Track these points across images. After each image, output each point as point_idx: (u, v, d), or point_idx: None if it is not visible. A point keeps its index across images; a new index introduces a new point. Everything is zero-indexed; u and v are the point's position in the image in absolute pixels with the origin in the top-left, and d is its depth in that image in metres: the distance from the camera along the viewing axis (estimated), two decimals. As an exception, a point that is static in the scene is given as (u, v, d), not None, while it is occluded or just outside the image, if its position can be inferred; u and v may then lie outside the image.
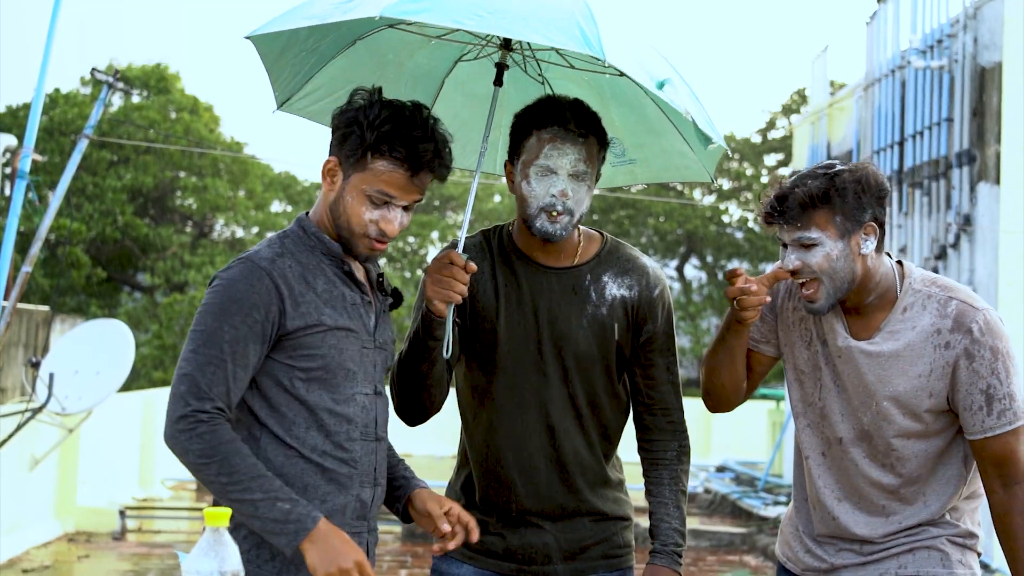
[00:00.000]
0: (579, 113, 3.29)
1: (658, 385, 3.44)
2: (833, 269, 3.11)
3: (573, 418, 3.38)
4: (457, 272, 3.13)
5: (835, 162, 3.16)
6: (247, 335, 2.83)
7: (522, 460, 3.39)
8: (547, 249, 3.38)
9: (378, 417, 3.03)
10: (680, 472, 3.45)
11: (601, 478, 3.45)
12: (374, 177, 2.92)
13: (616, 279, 3.41)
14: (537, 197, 3.27)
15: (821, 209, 3.08)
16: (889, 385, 3.19)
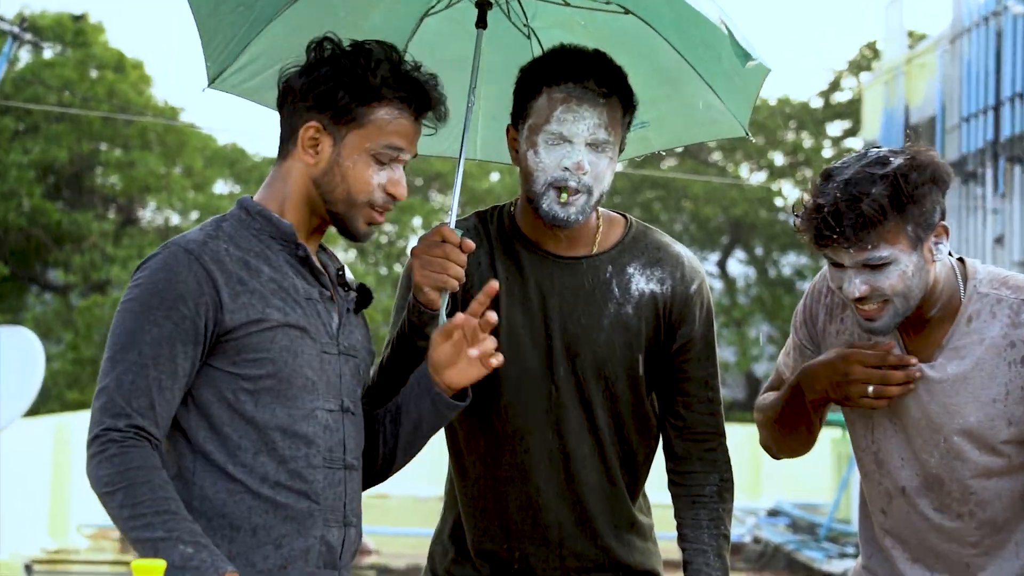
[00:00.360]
0: (601, 67, 3.29)
1: (694, 404, 3.44)
2: (908, 288, 3.10)
3: (592, 444, 3.38)
4: (451, 251, 3.13)
5: (880, 150, 3.13)
6: (173, 334, 2.83)
7: (527, 497, 3.39)
8: (558, 235, 3.38)
9: (346, 440, 3.01)
10: (722, 513, 3.44)
11: (627, 520, 3.45)
12: (379, 130, 2.97)
13: (644, 271, 3.42)
14: (546, 170, 3.27)
15: (892, 221, 3.05)
16: (959, 416, 3.18)
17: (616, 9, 3.46)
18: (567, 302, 3.36)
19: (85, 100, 27.91)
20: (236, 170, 33.32)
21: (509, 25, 3.63)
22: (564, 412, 3.36)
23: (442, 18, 3.64)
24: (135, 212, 31.64)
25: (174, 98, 65.27)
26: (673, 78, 3.56)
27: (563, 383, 3.35)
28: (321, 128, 2.97)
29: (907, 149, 3.12)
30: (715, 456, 3.44)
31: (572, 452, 3.36)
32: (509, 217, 3.44)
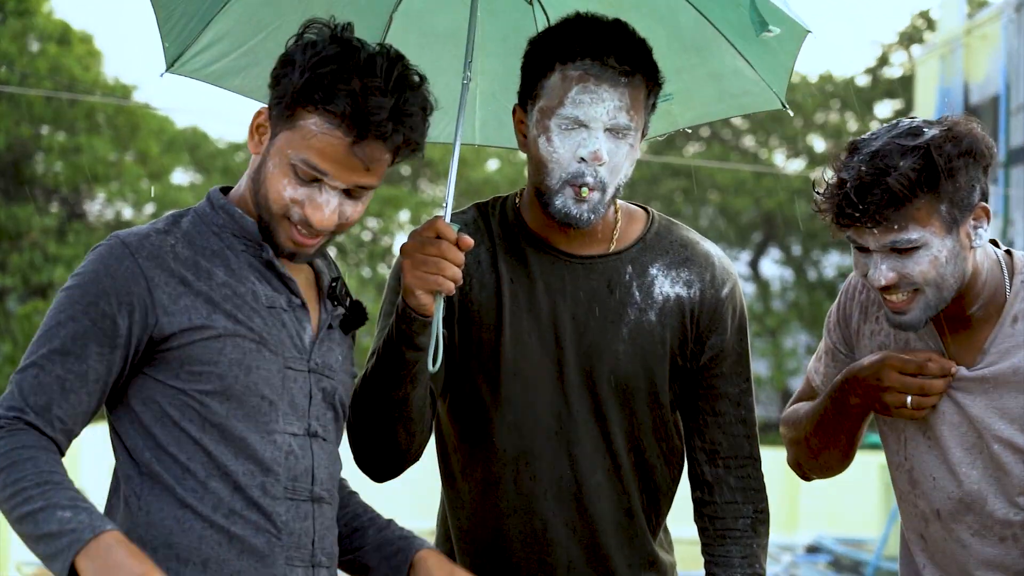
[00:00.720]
0: (623, 40, 3.29)
1: (725, 425, 3.45)
2: (941, 277, 3.11)
3: (608, 470, 3.39)
4: (447, 249, 3.11)
5: (914, 120, 3.15)
6: (88, 332, 2.85)
7: (532, 531, 3.39)
8: (571, 231, 3.39)
9: (316, 469, 3.00)
10: (756, 549, 3.46)
11: (646, 557, 3.45)
12: (301, 139, 2.90)
13: (668, 272, 3.42)
14: (561, 162, 3.26)
15: (923, 198, 3.06)
16: (1002, 424, 3.19)
17: None
18: (581, 308, 3.37)
19: (24, 77, 27.91)
20: (197, 157, 33.37)
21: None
22: (576, 434, 3.36)
23: None
24: (81, 205, 31.65)
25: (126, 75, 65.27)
26: (697, 44, 3.56)
27: (575, 400, 3.36)
28: (267, 117, 2.97)
29: (944, 120, 3.12)
30: (748, 484, 3.45)
31: (584, 480, 3.37)
32: (513, 210, 3.45)
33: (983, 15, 24.82)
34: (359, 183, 2.92)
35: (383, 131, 2.87)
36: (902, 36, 36.80)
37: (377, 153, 2.90)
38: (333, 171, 2.89)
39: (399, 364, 3.17)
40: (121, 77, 40.41)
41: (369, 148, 2.89)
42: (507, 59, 3.41)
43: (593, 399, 3.36)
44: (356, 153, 2.88)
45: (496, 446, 3.37)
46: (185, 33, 3.43)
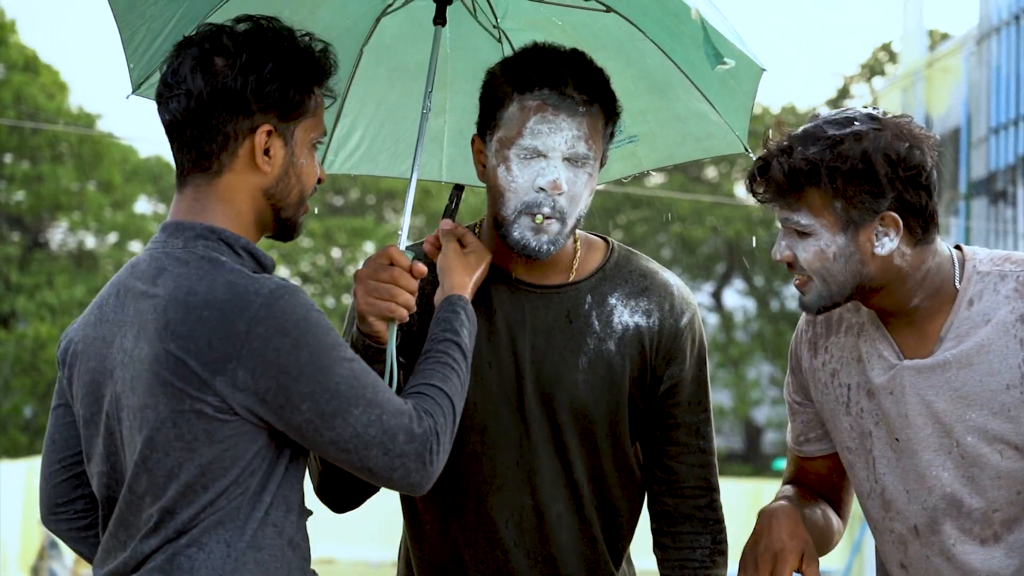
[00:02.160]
0: (580, 68, 3.29)
1: (683, 455, 3.44)
2: (827, 270, 3.12)
3: (568, 500, 3.38)
4: (400, 276, 3.12)
5: (857, 112, 3.14)
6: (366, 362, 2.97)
7: (494, 562, 3.38)
8: (531, 262, 3.39)
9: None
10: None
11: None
12: (315, 118, 3.02)
13: (628, 302, 3.42)
14: (518, 192, 3.26)
15: (813, 189, 3.08)
16: (970, 410, 3.14)
17: (596, 6, 3.47)
18: (540, 338, 3.36)
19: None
20: (160, 186, 33.27)
21: (476, 26, 3.64)
22: (537, 463, 3.35)
23: (402, 19, 3.65)
24: (44, 234, 31.54)
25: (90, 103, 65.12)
26: (662, 86, 3.58)
27: (536, 430, 3.35)
28: (273, 130, 2.95)
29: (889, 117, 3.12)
30: (707, 514, 3.45)
31: (546, 510, 3.36)
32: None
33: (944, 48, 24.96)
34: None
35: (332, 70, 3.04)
36: (864, 67, 36.99)
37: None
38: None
39: None
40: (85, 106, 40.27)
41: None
42: (475, 96, 3.40)
43: (553, 428, 3.35)
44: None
45: (456, 475, 3.36)
46: (150, 54, 3.41)
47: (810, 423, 3.43)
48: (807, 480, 3.48)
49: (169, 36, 3.39)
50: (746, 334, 36.88)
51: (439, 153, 3.82)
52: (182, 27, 3.40)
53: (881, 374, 3.21)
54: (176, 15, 3.38)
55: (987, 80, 22.42)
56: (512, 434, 3.35)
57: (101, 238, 31.22)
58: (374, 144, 3.86)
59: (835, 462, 3.41)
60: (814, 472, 3.46)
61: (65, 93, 30.99)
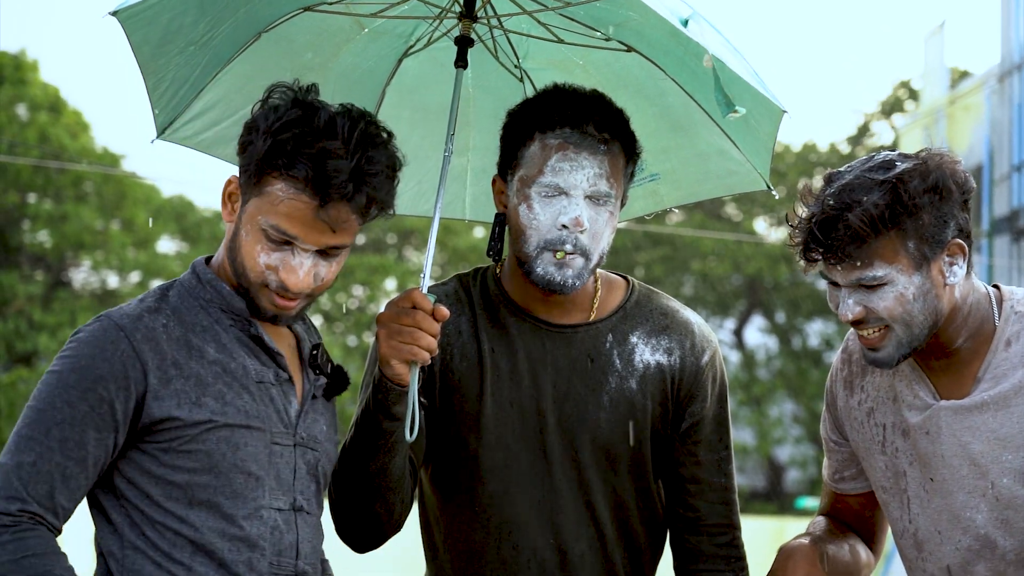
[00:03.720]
0: (600, 109, 3.31)
1: (706, 493, 3.44)
2: (909, 314, 3.05)
3: (591, 538, 3.38)
4: (423, 319, 3.11)
5: (891, 153, 3.10)
6: (86, 417, 2.83)
7: (517, 601, 3.38)
8: (552, 301, 3.39)
9: (300, 543, 2.99)
10: (738, 618, 3.46)
11: (630, 629, 3.45)
12: (270, 205, 2.90)
13: (649, 340, 3.43)
14: (540, 229, 3.28)
15: (886, 235, 3.01)
16: (1006, 451, 3.09)
17: (617, 47, 3.48)
18: (562, 377, 3.37)
19: (12, 146, 27.95)
20: (183, 225, 33.37)
21: (498, 66, 3.65)
22: (559, 503, 3.35)
23: (423, 60, 3.67)
24: (67, 273, 31.63)
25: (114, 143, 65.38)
26: (684, 124, 3.58)
27: (558, 469, 3.35)
28: (238, 185, 2.97)
29: (921, 153, 3.08)
30: (729, 552, 3.44)
31: (568, 549, 3.36)
32: (495, 280, 3.45)
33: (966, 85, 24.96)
34: (330, 244, 2.92)
35: (345, 193, 2.86)
36: (884, 106, 36.98)
37: (343, 215, 2.89)
38: (302, 234, 2.89)
39: (376, 434, 3.17)
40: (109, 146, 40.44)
41: (334, 211, 2.87)
42: (497, 136, 3.41)
43: (576, 468, 3.35)
44: (322, 217, 2.87)
45: (479, 516, 3.37)
46: (175, 101, 3.44)
47: (845, 461, 3.40)
48: (841, 514, 3.46)
49: (196, 83, 3.44)
50: (768, 372, 36.80)
51: (462, 192, 3.83)
52: (208, 74, 3.44)
53: (917, 414, 3.18)
54: (203, 62, 3.41)
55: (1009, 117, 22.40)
56: (534, 473, 3.35)
57: (124, 277, 31.29)
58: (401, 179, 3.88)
59: (869, 499, 3.40)
60: (848, 507, 3.44)
61: (88, 133, 31.11)
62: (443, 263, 30.75)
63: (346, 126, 2.89)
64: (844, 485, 3.42)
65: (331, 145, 2.85)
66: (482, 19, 3.48)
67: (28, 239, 30.45)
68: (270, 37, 3.48)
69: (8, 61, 29.32)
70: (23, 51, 30.03)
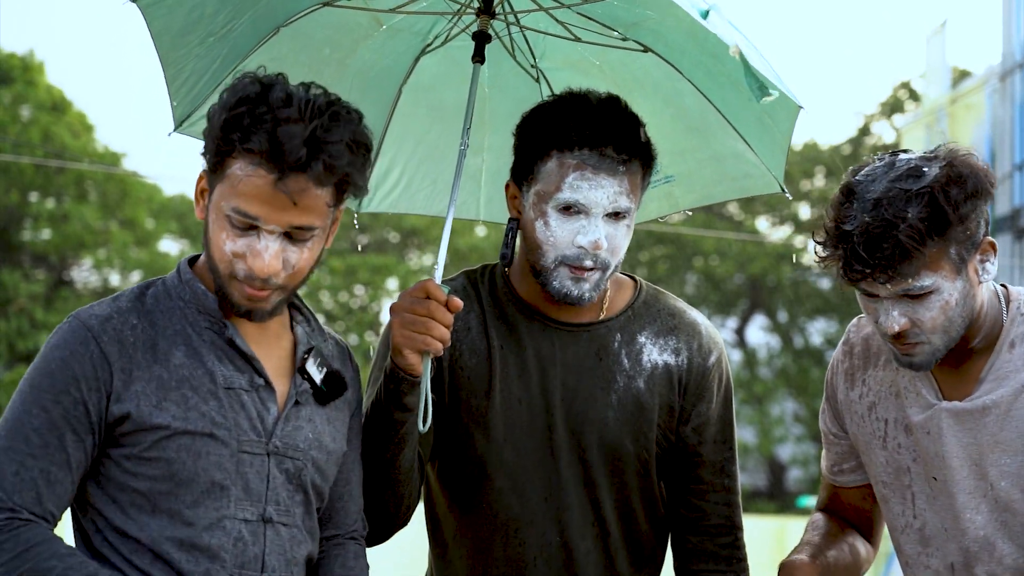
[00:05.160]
0: (619, 128, 3.27)
1: (709, 493, 3.44)
2: (950, 320, 3.01)
3: (597, 536, 3.39)
4: (436, 310, 3.11)
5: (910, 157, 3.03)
6: (61, 421, 2.81)
7: (523, 598, 3.39)
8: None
9: (266, 556, 2.92)
10: (740, 616, 3.47)
11: (634, 627, 3.46)
12: (231, 188, 2.82)
13: (657, 340, 3.44)
14: (557, 246, 3.26)
15: (933, 246, 2.95)
16: (1005, 455, 3.07)
17: (634, 47, 3.48)
18: (571, 375, 3.37)
19: (15, 145, 27.94)
20: (185, 224, 33.31)
21: (514, 65, 3.65)
22: (566, 500, 3.36)
23: (440, 58, 3.68)
24: (69, 272, 31.63)
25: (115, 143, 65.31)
26: (700, 126, 3.58)
27: (565, 466, 3.35)
28: (206, 179, 2.91)
29: (941, 153, 3.02)
30: (731, 552, 3.45)
31: (574, 546, 3.36)
32: (503, 278, 3.45)
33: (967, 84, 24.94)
34: (293, 223, 2.82)
35: (299, 159, 2.76)
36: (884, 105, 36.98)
37: (302, 184, 2.79)
38: (263, 214, 2.81)
39: (388, 426, 3.17)
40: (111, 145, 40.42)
41: (292, 181, 2.78)
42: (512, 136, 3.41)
43: (583, 465, 3.36)
44: (281, 189, 2.78)
45: (486, 511, 3.37)
46: (194, 93, 3.44)
47: (844, 454, 3.39)
48: (840, 507, 3.45)
49: (215, 75, 3.42)
50: (770, 371, 36.78)
51: (477, 192, 3.83)
52: (227, 65, 3.42)
53: (919, 412, 3.16)
54: (222, 54, 3.41)
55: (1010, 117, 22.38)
56: (542, 471, 3.35)
57: (125, 276, 31.30)
58: (412, 183, 3.86)
59: (869, 491, 3.39)
60: (847, 500, 3.43)
61: (91, 132, 31.10)
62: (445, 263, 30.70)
63: (304, 98, 2.81)
64: (843, 478, 3.40)
65: (284, 114, 2.77)
66: (500, 15, 3.48)
67: (30, 238, 30.45)
68: (288, 32, 3.49)
69: (16, 63, 29.30)
70: (31, 52, 30.00)
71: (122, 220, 30.98)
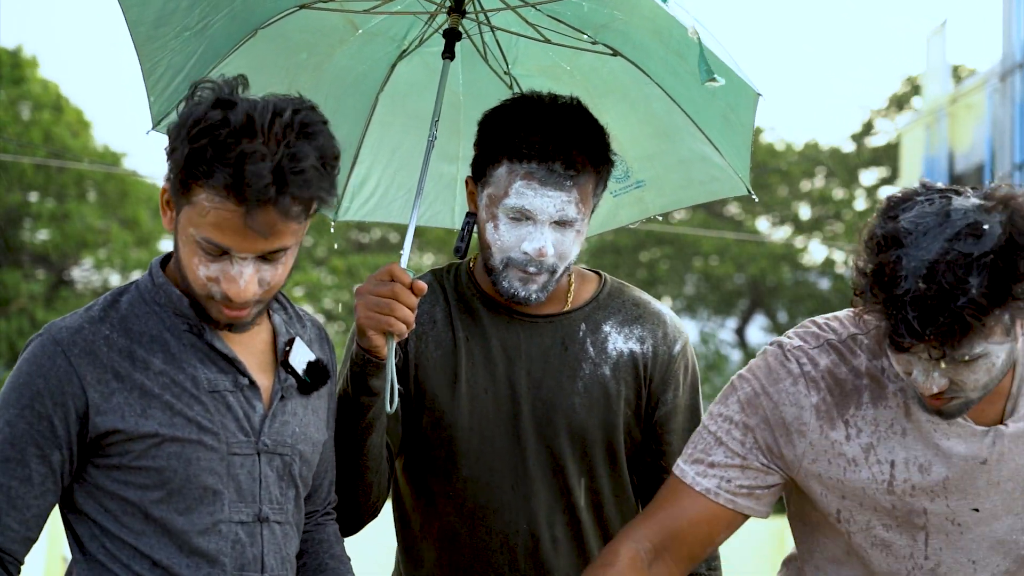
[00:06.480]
0: (572, 141, 3.27)
1: (676, 483, 3.46)
2: (992, 380, 2.84)
3: (565, 525, 3.42)
4: (401, 291, 3.15)
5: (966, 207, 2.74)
6: (24, 436, 2.79)
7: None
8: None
9: (265, 556, 2.93)
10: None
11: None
12: (199, 216, 2.72)
13: (622, 329, 3.47)
14: (504, 249, 3.32)
15: (993, 318, 2.72)
16: None
17: (603, 50, 3.53)
18: (536, 364, 3.41)
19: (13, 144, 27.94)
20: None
21: (487, 72, 3.69)
22: (533, 488, 3.39)
23: (416, 66, 3.71)
24: (69, 271, 31.62)
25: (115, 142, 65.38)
26: (668, 130, 3.62)
27: (532, 455, 3.39)
28: (168, 194, 2.82)
29: (997, 199, 2.75)
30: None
31: (542, 534, 3.39)
32: (468, 274, 3.50)
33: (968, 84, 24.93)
34: (266, 249, 2.76)
35: (268, 197, 2.67)
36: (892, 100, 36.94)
37: (272, 218, 2.70)
38: (234, 244, 2.73)
39: (356, 412, 3.20)
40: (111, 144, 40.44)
41: (261, 216, 2.69)
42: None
43: (551, 453, 3.39)
44: (250, 224, 2.69)
45: (453, 501, 3.40)
46: (170, 90, 3.44)
47: (767, 484, 3.11)
48: (680, 524, 3.11)
49: (189, 73, 3.43)
50: (771, 371, 36.71)
51: (451, 201, 3.88)
52: (203, 64, 3.45)
53: (961, 444, 2.98)
54: (198, 51, 3.42)
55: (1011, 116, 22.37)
56: (508, 459, 3.38)
57: (125, 275, 31.27)
58: (388, 191, 3.90)
59: (741, 521, 3.14)
60: (706, 521, 3.12)
61: (89, 131, 31.10)
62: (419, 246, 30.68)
63: (266, 121, 2.69)
64: (744, 501, 3.10)
65: (249, 148, 2.66)
66: (470, 14, 3.52)
67: (30, 238, 30.45)
68: (266, 34, 3.52)
69: (6, 59, 29.30)
70: (20, 47, 29.99)
71: (122, 220, 30.98)
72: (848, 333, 3.06)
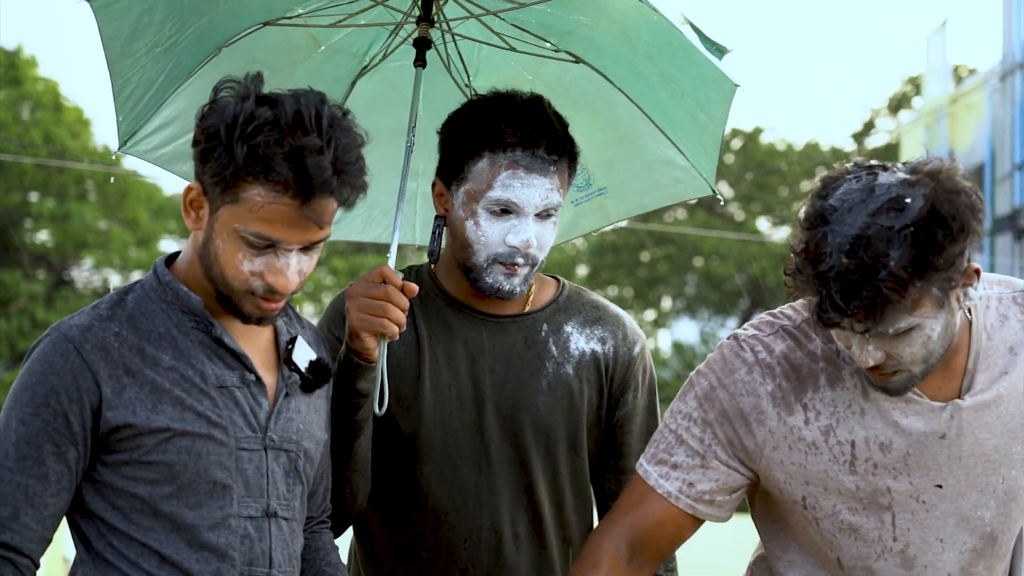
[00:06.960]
0: (550, 127, 3.33)
1: (635, 483, 3.47)
2: (930, 353, 2.84)
3: (527, 522, 3.43)
4: (393, 293, 3.17)
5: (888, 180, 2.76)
6: (40, 434, 2.79)
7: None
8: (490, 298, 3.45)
9: (273, 551, 2.94)
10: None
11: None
12: (249, 213, 2.78)
13: (583, 329, 3.50)
14: (488, 245, 3.34)
15: (915, 289, 2.72)
16: (1015, 444, 3.01)
17: (566, 58, 3.55)
18: (500, 363, 3.44)
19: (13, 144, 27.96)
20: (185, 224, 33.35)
21: (449, 86, 3.71)
22: (496, 485, 3.41)
23: (377, 82, 3.73)
24: (69, 271, 31.66)
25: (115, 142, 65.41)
26: (631, 135, 3.64)
27: (495, 452, 3.41)
28: (201, 192, 2.85)
29: (923, 173, 2.76)
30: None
31: (504, 531, 3.41)
32: (430, 276, 3.52)
33: (968, 84, 24.97)
34: (313, 239, 2.85)
35: (330, 187, 2.78)
36: (892, 100, 36.97)
37: (328, 207, 2.81)
38: (286, 236, 2.80)
39: (345, 414, 3.21)
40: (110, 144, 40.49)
41: (319, 206, 2.80)
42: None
43: (515, 450, 3.41)
44: (306, 214, 2.79)
45: (416, 497, 3.41)
46: (138, 109, 3.46)
47: (731, 486, 3.10)
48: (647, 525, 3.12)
49: (158, 92, 3.45)
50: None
51: (412, 216, 3.90)
52: (170, 82, 3.46)
53: (920, 421, 2.98)
54: (167, 68, 3.43)
55: (1011, 116, 22.41)
56: (472, 455, 3.40)
57: (125, 276, 31.30)
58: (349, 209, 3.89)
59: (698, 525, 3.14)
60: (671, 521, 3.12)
61: (89, 130, 31.13)
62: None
63: (312, 115, 2.79)
64: (704, 508, 3.10)
65: (307, 142, 2.76)
66: (437, 23, 3.53)
67: (30, 238, 30.48)
68: (230, 52, 3.52)
69: (3, 59, 29.34)
70: (19, 47, 30.03)
71: (122, 220, 31.01)
72: (802, 318, 3.05)
